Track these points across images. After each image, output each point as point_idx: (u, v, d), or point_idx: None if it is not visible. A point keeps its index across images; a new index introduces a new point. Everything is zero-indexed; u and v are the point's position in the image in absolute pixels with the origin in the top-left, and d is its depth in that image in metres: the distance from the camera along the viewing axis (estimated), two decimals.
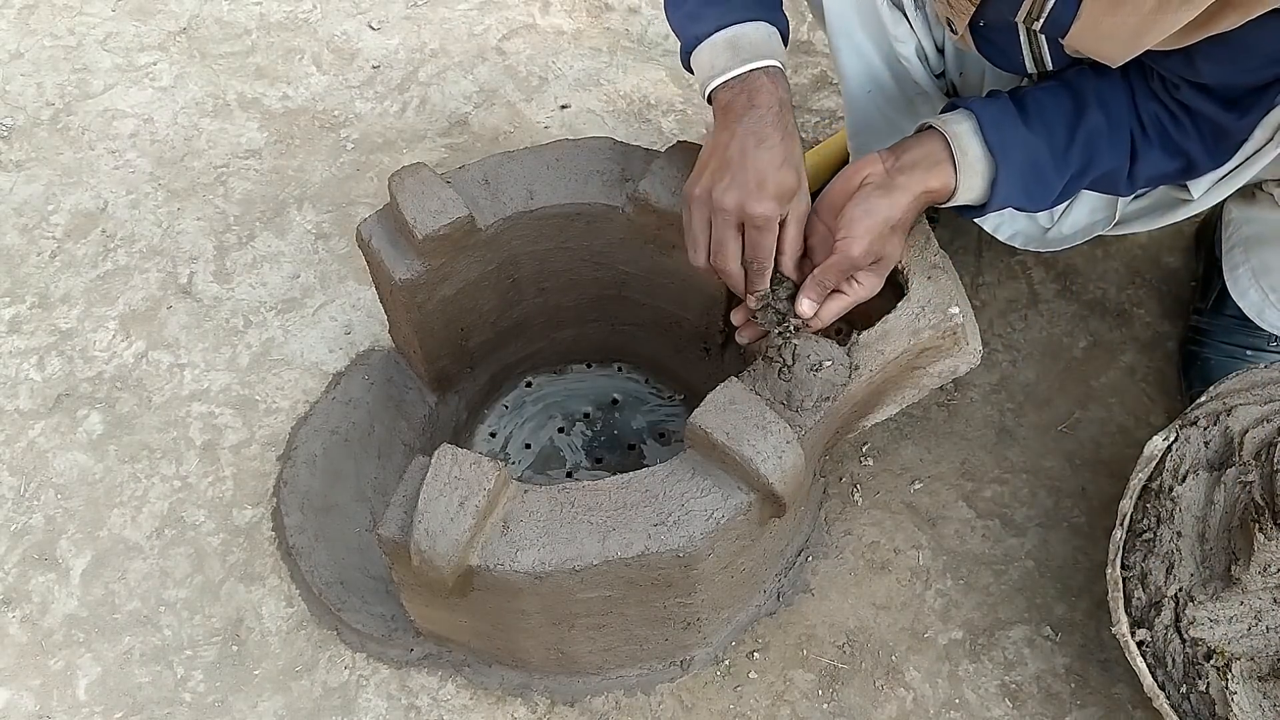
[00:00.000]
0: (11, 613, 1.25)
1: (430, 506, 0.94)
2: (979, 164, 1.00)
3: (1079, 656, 1.21)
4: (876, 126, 1.26)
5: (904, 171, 0.99)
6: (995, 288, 1.49)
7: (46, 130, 1.69)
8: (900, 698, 1.19)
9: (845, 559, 1.27)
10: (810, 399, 0.99)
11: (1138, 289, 1.49)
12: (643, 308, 1.30)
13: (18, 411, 1.40)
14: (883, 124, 1.26)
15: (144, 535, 1.29)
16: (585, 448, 1.35)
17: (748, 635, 1.21)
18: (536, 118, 1.70)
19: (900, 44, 1.17)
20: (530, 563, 0.95)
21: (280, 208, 1.59)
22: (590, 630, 1.08)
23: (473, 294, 1.21)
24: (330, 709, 1.18)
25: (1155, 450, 1.12)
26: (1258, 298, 1.31)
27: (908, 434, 1.36)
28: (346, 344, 1.44)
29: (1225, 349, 1.35)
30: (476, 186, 1.15)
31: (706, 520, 0.96)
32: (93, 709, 1.19)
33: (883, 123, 1.25)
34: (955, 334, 1.05)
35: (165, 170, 1.64)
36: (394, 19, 1.83)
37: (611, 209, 1.16)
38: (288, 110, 1.71)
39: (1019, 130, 1.00)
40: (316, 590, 1.21)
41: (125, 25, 1.82)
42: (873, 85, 1.22)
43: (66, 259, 1.54)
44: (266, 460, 1.35)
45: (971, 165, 0.99)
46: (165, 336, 1.46)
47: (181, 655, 1.22)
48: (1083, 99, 1.02)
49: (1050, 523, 1.30)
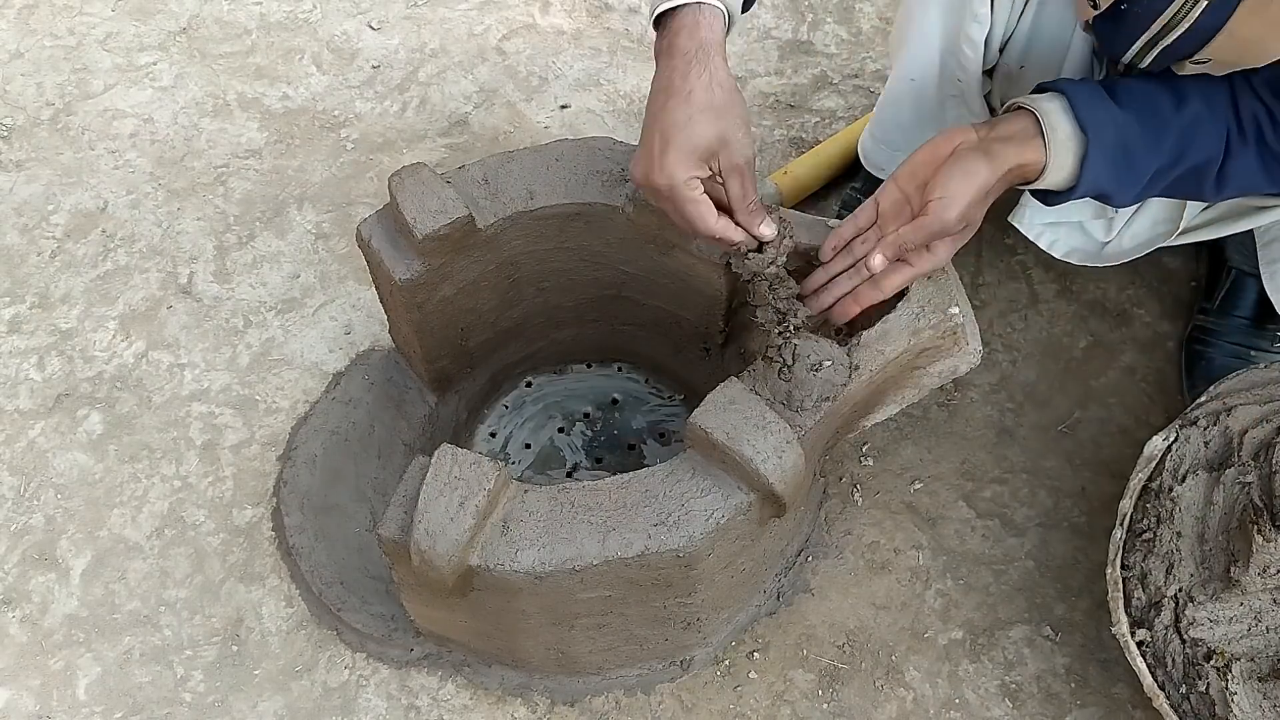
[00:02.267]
0: (11, 613, 1.25)
1: (430, 506, 0.94)
2: (1070, 141, 0.97)
3: (1079, 656, 1.21)
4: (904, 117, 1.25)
5: (1000, 141, 0.97)
6: (995, 288, 1.49)
7: (46, 130, 1.69)
8: (900, 698, 1.18)
9: (845, 559, 1.27)
10: (810, 399, 0.99)
11: (1138, 289, 1.49)
12: (643, 308, 1.30)
13: (18, 411, 1.40)
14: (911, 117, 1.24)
15: (144, 535, 1.29)
16: (585, 448, 1.35)
17: (748, 635, 1.21)
18: (536, 118, 1.70)
19: (976, 25, 1.13)
20: (530, 563, 0.95)
21: (280, 208, 1.59)
22: (590, 630, 1.08)
23: (472, 294, 1.21)
24: (330, 709, 1.18)
25: (1155, 450, 1.12)
26: None
27: (908, 434, 1.36)
28: (346, 344, 1.44)
29: (1231, 349, 1.35)
30: (476, 186, 1.15)
31: (706, 520, 0.96)
32: (93, 709, 1.19)
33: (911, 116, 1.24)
34: (955, 334, 1.05)
35: (165, 170, 1.64)
36: (394, 19, 1.83)
37: (611, 209, 1.16)
38: (288, 110, 1.71)
39: (1111, 110, 0.97)
40: (316, 590, 1.21)
41: (125, 25, 1.82)
42: (919, 75, 1.20)
43: (66, 259, 1.54)
44: (266, 460, 1.35)
45: (1063, 143, 0.96)
46: (165, 336, 1.46)
47: (181, 655, 1.22)
48: (1180, 90, 0.99)
49: (1050, 523, 1.30)
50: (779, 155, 1.64)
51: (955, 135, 0.98)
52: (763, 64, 1.76)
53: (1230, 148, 1.00)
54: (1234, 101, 0.99)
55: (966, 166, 0.95)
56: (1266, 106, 0.99)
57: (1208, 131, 0.99)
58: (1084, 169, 0.98)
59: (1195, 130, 0.99)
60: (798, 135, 1.66)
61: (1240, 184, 1.04)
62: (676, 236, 1.10)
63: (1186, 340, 1.41)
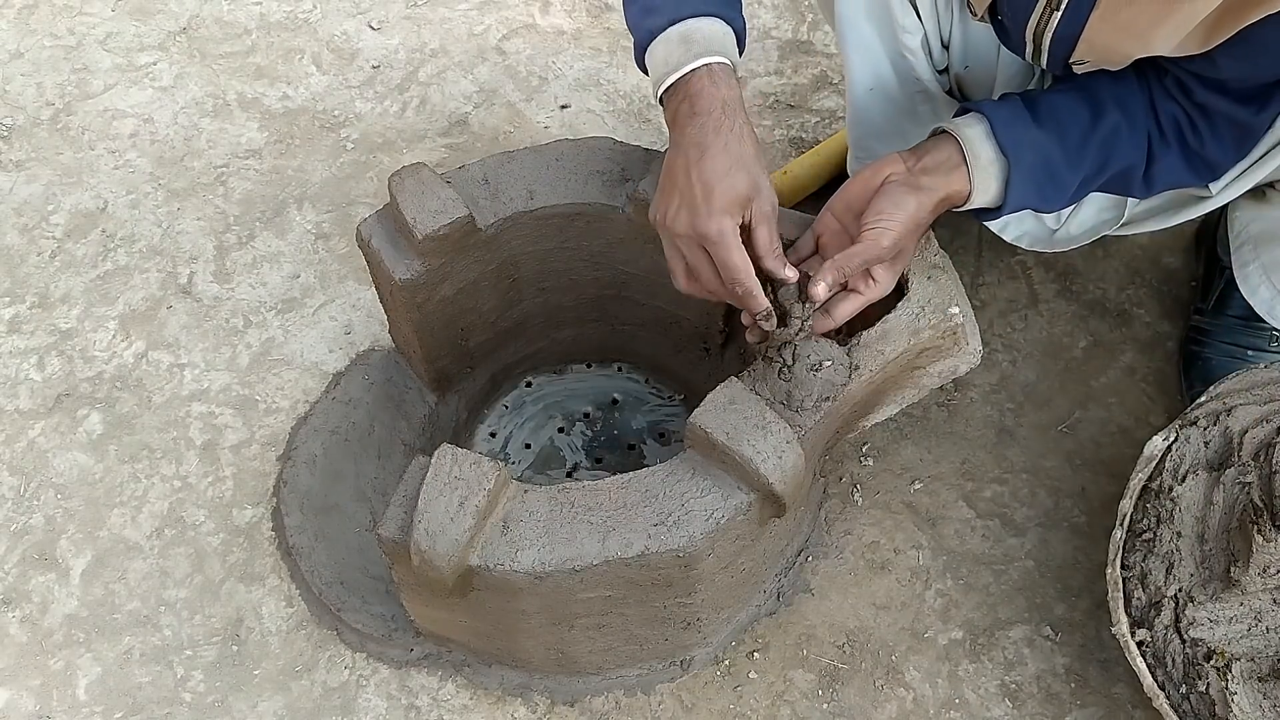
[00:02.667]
0: (11, 613, 1.25)
1: (430, 506, 0.94)
2: (992, 166, 0.99)
3: (1079, 656, 1.21)
4: (877, 126, 1.26)
5: (927, 173, 0.99)
6: (995, 288, 1.49)
7: (46, 130, 1.69)
8: (900, 698, 1.19)
9: (845, 559, 1.27)
10: (810, 399, 0.99)
11: (1138, 289, 1.49)
12: (643, 308, 1.30)
13: (18, 411, 1.40)
14: (883, 124, 1.25)
15: (144, 535, 1.29)
16: (585, 448, 1.35)
17: (748, 635, 1.21)
18: (536, 118, 1.70)
19: (907, 35, 1.16)
20: (530, 563, 0.95)
21: (280, 208, 1.59)
22: (590, 630, 1.08)
23: (473, 294, 1.21)
24: (330, 709, 1.18)
25: (1155, 450, 1.12)
26: (1269, 294, 1.30)
27: (908, 434, 1.36)
28: (346, 344, 1.44)
29: (1226, 349, 1.35)
30: (476, 186, 1.15)
31: (706, 520, 0.96)
32: (93, 709, 1.19)
33: (883, 122, 1.25)
34: (955, 334, 1.05)
35: (165, 170, 1.64)
36: (394, 19, 1.83)
37: (611, 209, 1.16)
38: (288, 110, 1.71)
39: (1031, 130, 1.00)
40: (316, 590, 1.21)
41: (125, 25, 1.82)
42: (875, 83, 1.21)
43: (66, 259, 1.54)
44: (266, 460, 1.35)
45: (985, 168, 0.99)
46: (165, 336, 1.46)
47: (181, 655, 1.22)
48: (1098, 100, 1.01)
49: (1050, 523, 1.30)
50: (779, 155, 1.64)
51: (884, 167, 1.00)
52: (763, 64, 1.76)
53: (1153, 151, 1.03)
54: (1152, 105, 1.02)
55: (895, 199, 0.97)
56: (1185, 110, 1.01)
57: (1127, 140, 1.02)
58: (1008, 191, 1.00)
59: (1115, 139, 1.01)
60: (798, 135, 1.66)
61: (1168, 182, 1.07)
62: None
63: (1184, 341, 1.41)
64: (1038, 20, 0.97)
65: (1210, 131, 1.02)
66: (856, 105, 1.24)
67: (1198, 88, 0.99)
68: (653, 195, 1.11)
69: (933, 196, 0.98)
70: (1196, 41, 0.89)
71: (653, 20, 1.00)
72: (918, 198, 0.97)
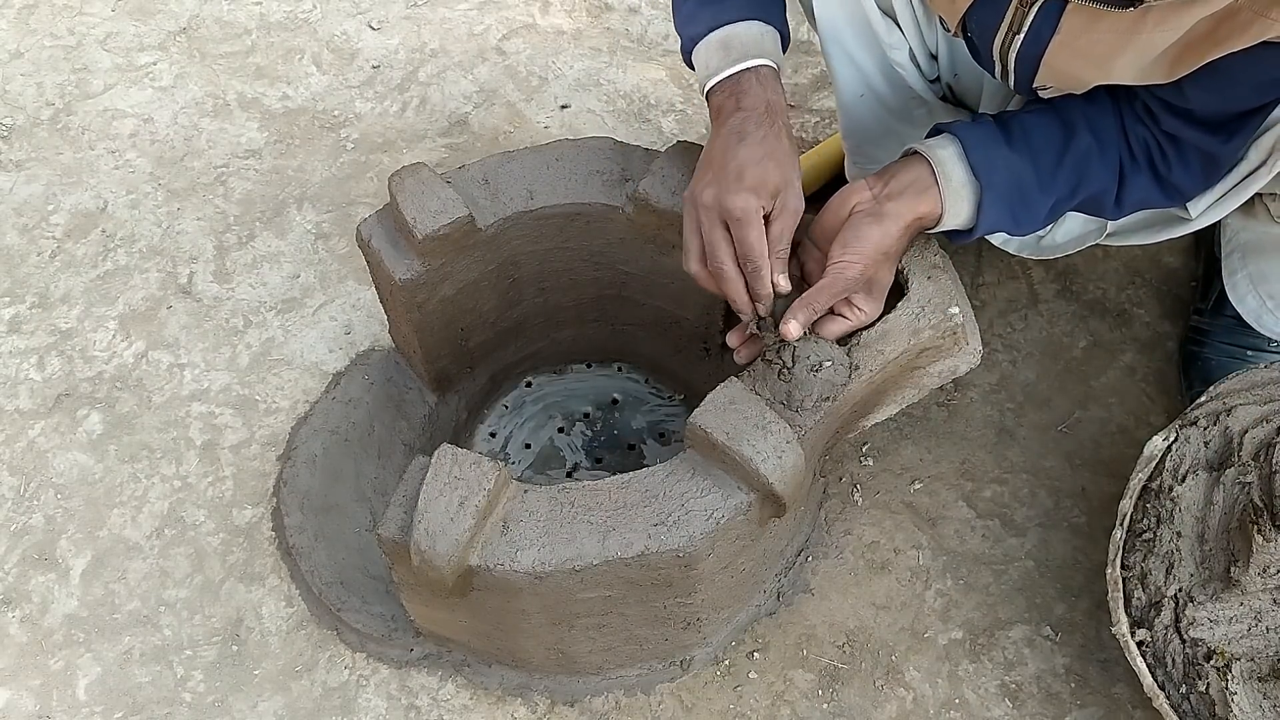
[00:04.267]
0: (11, 613, 1.25)
1: (430, 506, 0.94)
2: (964, 189, 0.99)
3: (1079, 656, 1.21)
4: (871, 131, 1.26)
5: (892, 199, 0.99)
6: (995, 288, 1.49)
7: (46, 130, 1.69)
8: (900, 698, 1.19)
9: (845, 559, 1.27)
10: (810, 399, 0.99)
11: (1138, 289, 1.49)
12: (643, 308, 1.30)
13: (18, 411, 1.40)
14: (877, 128, 1.25)
15: (144, 535, 1.29)
16: (585, 448, 1.35)
17: (748, 635, 1.21)
18: (536, 118, 1.70)
19: (894, 51, 1.17)
20: (530, 563, 0.95)
21: (280, 208, 1.59)
22: (590, 630, 1.08)
23: (473, 294, 1.21)
24: (330, 709, 1.18)
25: (1155, 450, 1.12)
26: (1255, 304, 1.31)
27: (908, 434, 1.36)
28: (346, 344, 1.44)
29: (1225, 349, 1.35)
30: (476, 186, 1.15)
31: (706, 520, 0.96)
32: (92, 709, 1.19)
33: (877, 127, 1.25)
34: (955, 334, 1.05)
35: (165, 170, 1.64)
36: (394, 19, 1.83)
37: (611, 209, 1.16)
38: (288, 110, 1.71)
39: (1003, 153, 1.00)
40: (316, 590, 1.21)
41: (125, 25, 1.82)
42: (866, 90, 1.22)
43: (66, 259, 1.54)
44: (266, 460, 1.35)
45: (956, 190, 0.99)
46: (165, 336, 1.46)
47: (181, 655, 1.22)
48: (1071, 122, 1.02)
49: (1050, 523, 1.30)
50: None
51: (851, 196, 1.00)
52: None
53: (1124, 174, 1.03)
54: (1123, 128, 1.02)
55: (858, 231, 0.98)
56: (1154, 135, 1.01)
57: (1100, 162, 1.02)
58: (980, 213, 1.00)
59: (1087, 163, 1.02)
60: (798, 135, 1.66)
61: (1139, 203, 1.07)
62: (676, 236, 1.10)
63: (1184, 341, 1.42)
64: (1002, 40, 0.98)
65: (1178, 158, 1.02)
66: (848, 112, 1.25)
67: (1165, 115, 0.99)
68: (653, 195, 1.12)
69: (899, 222, 0.98)
70: (1161, 73, 0.89)
71: (693, 28, 1.04)
72: (882, 226, 0.97)
